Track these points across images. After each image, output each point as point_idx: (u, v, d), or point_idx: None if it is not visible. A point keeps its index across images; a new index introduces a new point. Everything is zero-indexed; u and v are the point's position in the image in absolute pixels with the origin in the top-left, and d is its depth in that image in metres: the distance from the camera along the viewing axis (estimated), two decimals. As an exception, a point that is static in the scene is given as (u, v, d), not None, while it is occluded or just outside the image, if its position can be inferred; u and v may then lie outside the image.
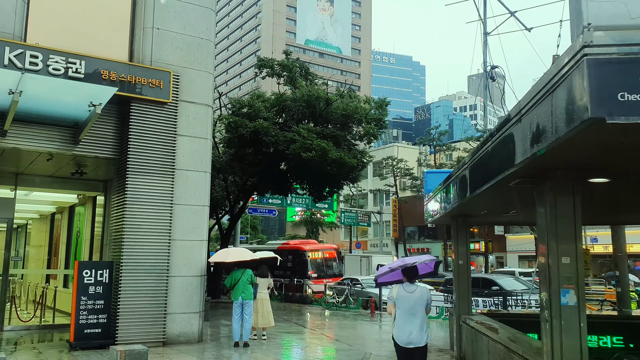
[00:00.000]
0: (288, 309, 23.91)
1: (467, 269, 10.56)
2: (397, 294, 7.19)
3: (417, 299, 7.12)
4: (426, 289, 7.45)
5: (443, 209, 10.04)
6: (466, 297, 10.59)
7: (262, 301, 13.52)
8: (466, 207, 9.06)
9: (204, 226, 11.78)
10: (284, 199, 36.29)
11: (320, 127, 22.50)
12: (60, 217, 20.65)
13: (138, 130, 11.17)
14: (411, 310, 7.05)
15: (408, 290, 7.17)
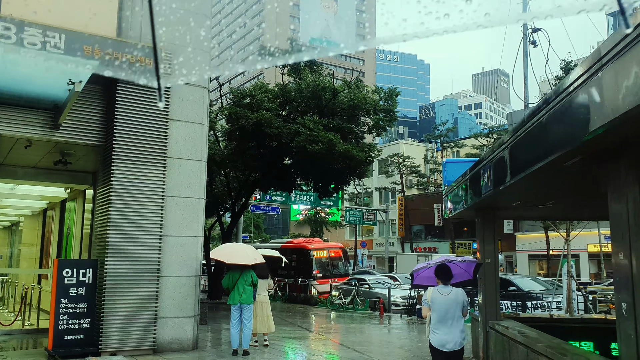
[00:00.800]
0: (292, 311, 22.75)
1: (494, 268, 9.37)
2: (431, 297, 7.12)
3: (452, 301, 7.02)
4: (462, 291, 7.31)
5: (467, 201, 8.83)
6: (494, 300, 9.39)
7: (262, 304, 12.48)
8: (497, 198, 7.87)
9: (199, 221, 10.61)
10: (287, 196, 35.15)
11: (327, 119, 21.31)
12: (51, 213, 19.57)
13: (125, 114, 10.01)
14: (447, 313, 6.97)
15: (443, 292, 7.07)
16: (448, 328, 6.92)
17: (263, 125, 19.73)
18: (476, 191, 8.16)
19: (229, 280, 11.14)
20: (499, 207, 9.18)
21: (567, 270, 15.57)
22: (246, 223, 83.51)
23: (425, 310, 7.37)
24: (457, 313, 7.06)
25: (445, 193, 11.22)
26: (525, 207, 9.03)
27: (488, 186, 7.25)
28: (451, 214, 10.96)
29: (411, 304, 21.92)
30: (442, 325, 6.96)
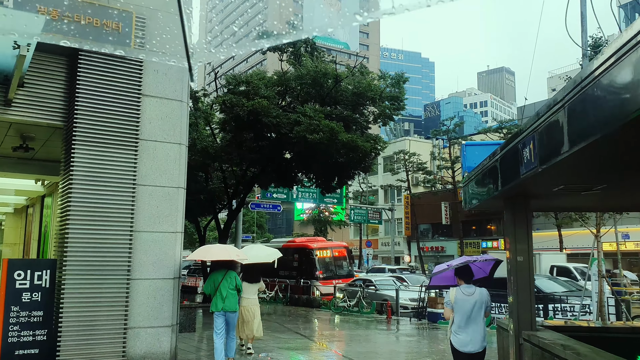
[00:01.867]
0: (293, 314, 21.21)
1: (528, 269, 7.82)
2: (455, 297, 6.89)
3: (476, 301, 6.86)
4: (485, 291, 7.11)
5: (497, 188, 7.27)
6: (528, 307, 7.83)
7: (251, 308, 11.49)
8: (536, 181, 6.34)
9: (178, 214, 9.09)
10: (289, 193, 33.64)
11: (329, 108, 19.78)
12: (32, 210, 18.15)
13: (88, 88, 8.48)
14: (471, 314, 6.80)
15: (466, 292, 6.89)
16: (471, 329, 6.77)
17: (260, 114, 18.20)
18: (511, 173, 6.62)
19: (210, 284, 10.13)
20: (535, 195, 7.63)
21: (597, 270, 13.97)
22: (249, 223, 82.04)
23: (448, 312, 7.07)
24: (481, 314, 6.91)
25: (465, 181, 9.64)
26: (566, 194, 7.46)
27: (531, 164, 5.70)
28: (472, 205, 9.40)
29: (421, 306, 20.36)
30: (465, 326, 6.76)
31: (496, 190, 7.33)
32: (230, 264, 10.49)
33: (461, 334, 6.83)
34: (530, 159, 5.69)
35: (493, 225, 49.48)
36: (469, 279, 7.15)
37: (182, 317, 13.46)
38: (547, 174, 5.72)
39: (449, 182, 48.86)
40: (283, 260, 31.76)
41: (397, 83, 20.35)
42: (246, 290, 11.34)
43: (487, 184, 7.91)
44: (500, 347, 9.46)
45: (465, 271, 7.18)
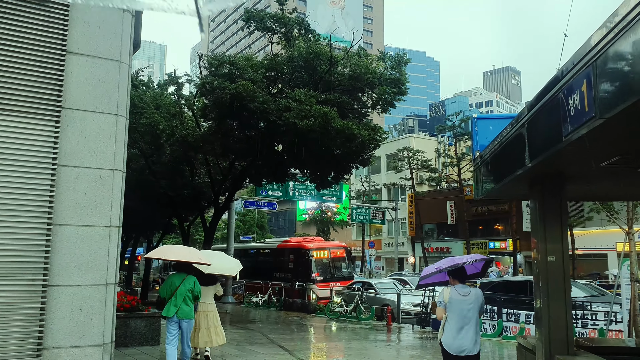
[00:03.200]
0: (283, 321, 19.33)
1: (563, 273, 5.92)
2: (449, 297, 6.61)
3: (472, 302, 6.60)
4: (480, 292, 6.93)
5: (524, 161, 5.37)
6: (563, 323, 5.92)
7: (206, 314, 10.31)
8: (581, 151, 4.44)
9: (113, 204, 7.19)
10: (285, 191, 31.76)
11: (324, 96, 17.91)
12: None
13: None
14: (465, 315, 6.53)
15: (462, 293, 6.62)
16: (465, 331, 6.48)
17: (245, 98, 16.32)
18: (544, 139, 4.75)
19: (167, 287, 9.25)
20: (573, 175, 5.73)
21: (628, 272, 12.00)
22: (249, 223, 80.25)
23: (441, 311, 6.73)
24: (476, 315, 6.64)
25: (476, 163, 7.74)
26: (613, 176, 5.55)
27: (583, 115, 3.79)
28: (485, 192, 7.49)
29: (424, 312, 18.44)
30: (459, 328, 6.49)
31: (521, 167, 5.43)
32: (190, 267, 9.50)
33: (454, 335, 6.49)
34: (583, 108, 3.77)
35: (501, 225, 47.49)
36: (463, 279, 6.81)
37: (144, 328, 11.61)
38: (607, 132, 3.82)
39: (454, 181, 46.87)
40: (278, 262, 30.22)
41: (398, 65, 18.38)
42: (204, 293, 10.08)
43: (508, 161, 6.00)
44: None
45: (459, 271, 6.77)
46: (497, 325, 15.81)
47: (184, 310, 9.07)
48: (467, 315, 6.53)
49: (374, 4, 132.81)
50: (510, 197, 8.18)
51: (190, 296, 9.17)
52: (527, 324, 15.02)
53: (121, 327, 11.12)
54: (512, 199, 9.85)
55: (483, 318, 16.31)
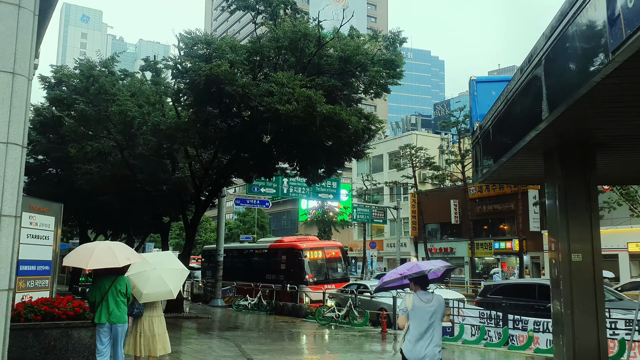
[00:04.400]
0: (269, 328, 17.72)
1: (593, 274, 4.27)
2: (412, 305, 6.32)
3: (435, 309, 6.33)
4: (442, 298, 6.61)
5: (534, 121, 3.70)
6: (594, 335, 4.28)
7: (151, 319, 8.80)
8: (618, 94, 2.73)
9: (5, 186, 5.61)
10: (279, 188, 30.13)
11: (309, 78, 16.31)
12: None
13: None
14: (428, 323, 6.26)
15: (424, 299, 6.35)
16: (427, 339, 6.26)
17: (222, 82, 14.72)
18: (576, 70, 3.08)
19: (97, 291, 8.19)
20: (608, 141, 4.09)
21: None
22: (249, 223, 78.81)
23: (403, 319, 6.44)
24: (439, 322, 6.42)
25: (476, 136, 6.10)
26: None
27: (632, 24, 2.11)
28: (486, 173, 5.84)
29: (423, 318, 16.79)
30: (421, 336, 6.24)
31: (534, 126, 3.79)
32: (120, 268, 8.19)
33: (416, 343, 6.28)
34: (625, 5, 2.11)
35: (506, 224, 45.74)
36: (425, 285, 6.65)
37: (90, 339, 9.97)
38: None
39: (458, 179, 45.16)
40: (270, 263, 28.61)
41: (392, 44, 16.68)
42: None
43: (516, 122, 4.37)
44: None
45: (421, 277, 6.56)
46: (502, 334, 14.14)
47: (116, 315, 8.07)
48: (429, 322, 6.31)
49: (377, 2, 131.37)
50: (519, 181, 6.62)
51: (123, 299, 8.16)
52: (536, 332, 13.35)
53: (62, 338, 9.53)
54: (521, 182, 7.99)
55: (487, 325, 14.67)
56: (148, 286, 8.48)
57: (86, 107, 17.66)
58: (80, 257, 8.31)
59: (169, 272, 8.78)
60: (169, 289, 8.63)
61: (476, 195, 46.05)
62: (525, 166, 5.23)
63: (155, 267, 8.75)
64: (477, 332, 14.83)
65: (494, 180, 6.15)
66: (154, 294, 8.62)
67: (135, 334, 8.64)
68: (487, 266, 46.74)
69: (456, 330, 15.37)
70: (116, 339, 8.20)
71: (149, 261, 8.93)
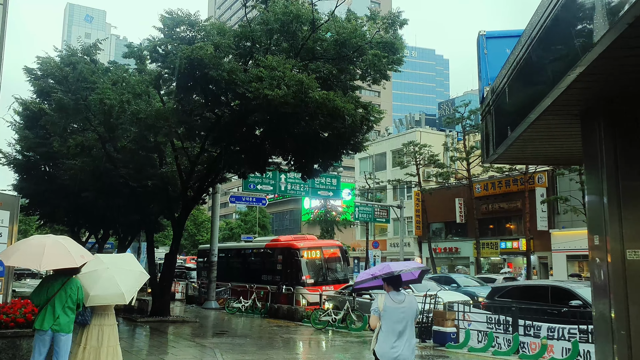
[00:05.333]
0: (260, 333, 16.48)
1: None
2: (384, 305, 6.31)
3: (407, 310, 6.35)
4: (414, 298, 6.81)
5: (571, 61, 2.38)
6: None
7: (101, 328, 7.54)
8: None
9: None
10: (276, 185, 28.87)
11: (302, 62, 15.07)
12: None
13: None
14: (400, 324, 6.24)
15: (396, 300, 6.35)
16: (400, 340, 6.19)
17: (206, 65, 13.49)
18: None
19: (42, 292, 7.19)
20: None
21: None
22: (251, 223, 77.56)
23: (375, 320, 6.39)
24: (412, 323, 6.44)
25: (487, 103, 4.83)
26: None
27: None
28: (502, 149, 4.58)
29: (425, 322, 15.47)
30: (394, 337, 6.17)
31: (576, 61, 2.51)
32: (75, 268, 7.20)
33: (389, 345, 6.16)
34: None
35: (513, 223, 44.41)
36: (398, 286, 6.53)
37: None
38: None
39: (463, 177, 43.84)
40: (266, 263, 27.34)
41: (392, 25, 15.36)
42: None
43: (547, 64, 3.09)
44: None
45: (394, 278, 6.49)
46: (512, 341, 12.85)
47: (61, 322, 7.03)
48: (402, 323, 6.27)
49: (381, 0, 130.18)
50: (543, 160, 5.32)
51: (72, 305, 7.12)
52: (550, 339, 12.04)
53: (8, 349, 8.33)
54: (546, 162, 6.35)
55: (495, 331, 13.38)
56: (97, 287, 7.28)
57: (64, 97, 16.44)
58: (28, 256, 7.14)
59: (123, 274, 7.50)
60: (121, 292, 7.33)
61: (482, 194, 44.73)
62: (553, 136, 3.98)
63: (108, 266, 7.50)
64: (484, 339, 13.54)
65: (510, 159, 4.94)
66: (102, 297, 7.37)
67: (82, 346, 7.41)
68: (493, 266, 45.43)
69: (461, 336, 14.09)
70: (58, 351, 7.10)
71: (102, 260, 7.70)
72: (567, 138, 3.83)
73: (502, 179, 43.09)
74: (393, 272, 6.46)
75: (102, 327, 7.48)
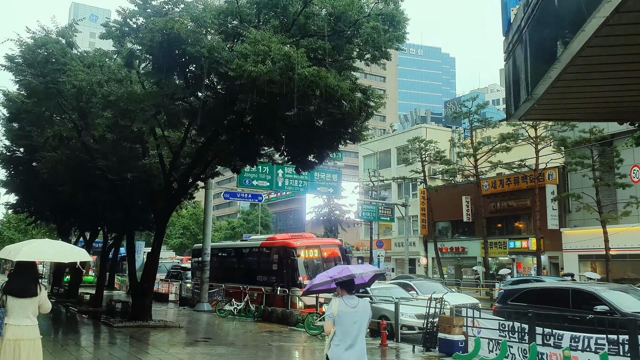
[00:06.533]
0: (247, 341, 14.96)
1: None
2: (338, 310, 6.13)
3: (361, 314, 6.26)
4: (368, 302, 6.72)
5: None
6: None
7: (18, 344, 6.29)
8: None
9: None
10: (273, 180, 27.39)
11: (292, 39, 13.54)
12: None
13: None
14: (354, 328, 6.19)
15: (350, 304, 6.18)
16: (354, 345, 6.13)
17: (183, 41, 11.99)
18: None
19: None
20: None
21: None
22: (253, 222, 76.21)
23: (330, 325, 6.24)
24: (364, 328, 6.35)
25: (520, 25, 3.23)
26: None
27: None
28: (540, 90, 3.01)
29: (430, 328, 13.90)
30: (347, 341, 6.09)
31: None
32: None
33: (344, 350, 6.05)
34: None
35: (522, 222, 42.79)
36: (351, 290, 6.37)
37: None
38: None
39: (471, 174, 42.23)
40: (260, 263, 25.80)
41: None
42: (14, 309, 6.49)
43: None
44: None
45: (348, 282, 6.32)
46: (529, 351, 11.28)
47: None
48: (355, 328, 6.16)
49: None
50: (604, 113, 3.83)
51: None
52: (573, 350, 10.45)
53: None
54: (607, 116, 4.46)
55: (509, 340, 11.80)
56: (29, 247, 6.68)
57: (33, 80, 14.98)
58: None
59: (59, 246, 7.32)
60: (53, 252, 6.97)
61: (489, 191, 43.12)
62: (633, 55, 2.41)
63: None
64: (496, 348, 11.97)
65: (548, 111, 3.41)
66: (32, 253, 6.66)
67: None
68: (501, 266, 43.78)
69: (470, 345, 12.51)
70: None
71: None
72: None
73: (511, 176, 41.48)
74: (353, 274, 6.33)
75: (19, 342, 6.03)
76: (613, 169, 33.07)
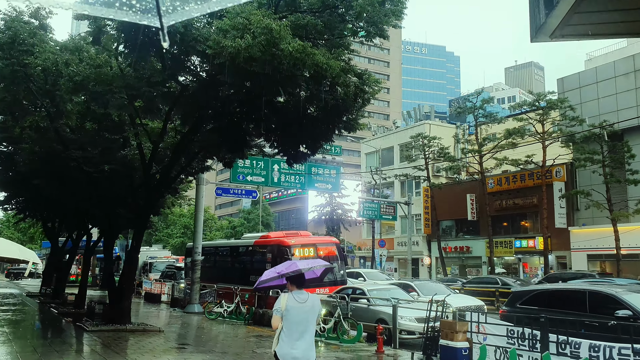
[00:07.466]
0: (231, 346, 13.70)
1: None
2: (287, 305, 6.14)
3: (309, 310, 6.20)
4: (317, 298, 6.58)
5: None
6: None
7: None
8: None
9: None
10: (269, 176, 26.11)
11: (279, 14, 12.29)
12: None
13: None
14: (302, 324, 6.11)
15: (299, 299, 6.20)
16: (302, 340, 6.07)
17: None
18: None
19: None
20: None
21: None
22: (254, 221, 75.00)
23: (277, 320, 6.19)
24: (313, 323, 6.31)
25: None
26: None
27: None
28: None
29: (430, 333, 12.60)
30: (296, 337, 6.04)
31: None
32: None
33: (292, 346, 5.97)
34: None
35: (528, 221, 41.45)
36: (301, 285, 6.36)
37: None
38: None
39: (476, 171, 40.90)
40: (254, 262, 24.56)
41: (388, -35, 12.50)
42: None
43: None
44: None
45: (297, 277, 6.35)
46: (509, 355, 10.03)
47: None
48: (304, 323, 6.11)
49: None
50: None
51: None
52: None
53: None
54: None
55: (519, 348, 10.51)
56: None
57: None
58: None
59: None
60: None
61: (495, 189, 41.76)
62: None
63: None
64: (504, 357, 10.69)
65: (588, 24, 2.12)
66: None
67: None
68: (507, 266, 42.43)
69: (475, 353, 11.22)
70: None
71: None
72: None
73: (517, 173, 40.12)
74: (301, 269, 6.34)
75: None
76: (624, 164, 31.80)
